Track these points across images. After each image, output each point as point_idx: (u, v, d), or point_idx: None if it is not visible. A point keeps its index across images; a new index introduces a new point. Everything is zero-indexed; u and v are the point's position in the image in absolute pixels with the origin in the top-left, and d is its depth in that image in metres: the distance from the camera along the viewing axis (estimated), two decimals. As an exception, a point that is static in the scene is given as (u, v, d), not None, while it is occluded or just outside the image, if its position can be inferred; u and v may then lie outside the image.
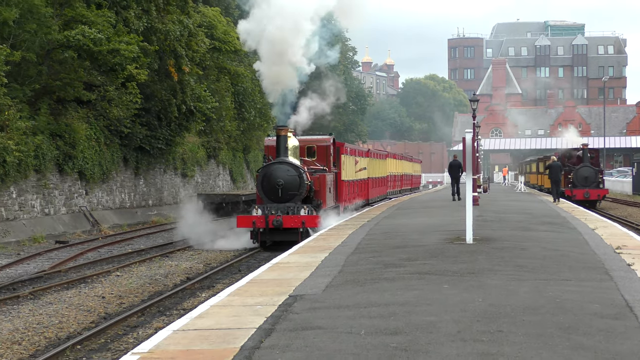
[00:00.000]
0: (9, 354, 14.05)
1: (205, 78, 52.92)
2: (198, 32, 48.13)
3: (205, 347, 9.88)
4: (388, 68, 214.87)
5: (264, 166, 29.35)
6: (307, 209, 28.07)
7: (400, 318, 11.13)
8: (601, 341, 9.72)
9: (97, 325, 16.23)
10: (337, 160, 35.49)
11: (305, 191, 28.73)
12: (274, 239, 28.96)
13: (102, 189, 43.47)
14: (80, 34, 37.12)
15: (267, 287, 14.51)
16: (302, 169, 28.95)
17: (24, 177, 35.89)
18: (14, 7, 34.67)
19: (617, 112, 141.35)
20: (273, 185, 28.28)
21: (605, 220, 30.81)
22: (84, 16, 38.72)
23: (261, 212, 28.00)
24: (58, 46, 37.58)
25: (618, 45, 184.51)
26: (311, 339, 10.03)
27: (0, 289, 20.92)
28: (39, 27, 36.41)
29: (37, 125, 36.94)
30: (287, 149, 29.00)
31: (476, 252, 18.62)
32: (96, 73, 39.69)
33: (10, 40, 35.12)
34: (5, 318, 17.11)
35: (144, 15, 42.52)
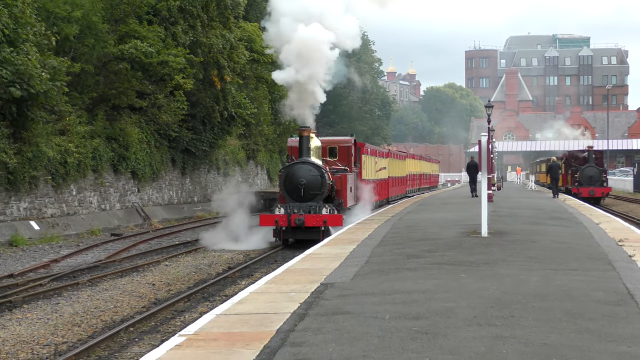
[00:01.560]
0: (70, 335, 14.15)
1: (245, 87, 53.00)
2: (239, 45, 48.17)
3: (244, 330, 9.90)
4: (410, 77, 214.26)
5: (287, 166, 27.98)
6: (329, 208, 26.41)
7: (421, 304, 11.12)
8: (605, 325, 9.67)
9: (148, 310, 16.29)
10: (358, 160, 33.67)
11: (327, 190, 27.15)
12: (296, 237, 27.31)
13: (152, 187, 43.66)
14: (133, 48, 37.34)
15: (300, 275, 14.53)
16: (324, 168, 27.49)
17: (83, 176, 36.11)
18: (74, 24, 34.92)
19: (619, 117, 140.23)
20: (295, 185, 26.75)
21: (609, 216, 30.60)
22: (136, 31, 38.92)
23: (284, 211, 26.32)
24: (113, 58, 37.78)
25: (620, 56, 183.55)
26: (340, 323, 10.03)
27: (62, 277, 21.07)
28: (96, 42, 36.62)
29: (94, 130, 37.17)
30: (310, 149, 27.49)
31: (491, 244, 18.55)
32: (147, 82, 39.83)
33: (71, 54, 35.36)
34: (66, 303, 17.24)
35: (190, 30, 42.65)
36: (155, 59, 38.17)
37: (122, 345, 13.29)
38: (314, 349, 8.72)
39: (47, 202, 33.57)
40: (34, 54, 29.41)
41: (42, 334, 14.14)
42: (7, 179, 30.13)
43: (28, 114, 30.30)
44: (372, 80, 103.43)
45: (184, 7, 41.84)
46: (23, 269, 22.29)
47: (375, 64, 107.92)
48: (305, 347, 8.82)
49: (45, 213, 33.31)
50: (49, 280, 20.41)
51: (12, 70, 28.30)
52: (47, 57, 31.02)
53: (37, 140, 31.50)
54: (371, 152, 38.58)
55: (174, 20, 41.89)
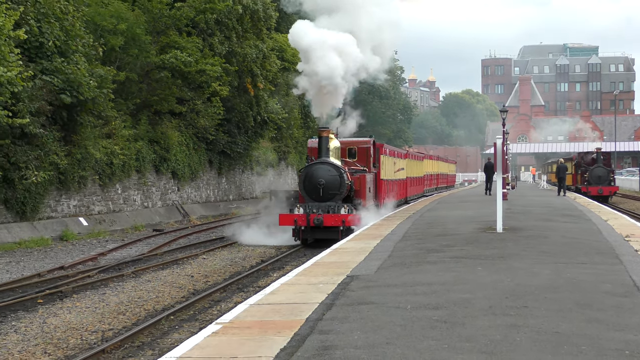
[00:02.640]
0: (116, 322, 14.24)
1: (277, 93, 53.08)
2: (271, 55, 48.28)
3: (276, 319, 9.92)
4: (430, 84, 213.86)
5: (306, 166, 26.33)
6: (347, 207, 24.96)
7: (441, 295, 11.09)
8: (612, 315, 9.61)
9: (187, 300, 16.36)
10: (377, 160, 31.91)
11: (345, 190, 25.72)
12: (315, 237, 25.73)
13: (191, 186, 43.83)
14: (173, 57, 37.50)
15: (328, 268, 14.53)
16: (342, 169, 25.99)
17: (128, 176, 36.32)
18: (120, 36, 35.10)
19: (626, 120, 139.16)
20: (314, 185, 25.30)
21: (616, 213, 30.40)
22: (176, 42, 39.08)
23: (303, 210, 24.91)
24: (155, 67, 37.96)
25: (627, 64, 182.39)
26: (365, 312, 10.03)
27: (108, 269, 21.20)
28: (139, 52, 36.80)
29: (138, 133, 37.36)
30: (329, 149, 26.16)
31: (505, 239, 18.48)
32: (186, 89, 40.01)
33: (116, 63, 35.55)
34: (112, 293, 17.35)
35: (226, 41, 42.79)
36: (193, 67, 38.32)
37: (164, 332, 13.36)
38: (340, 336, 8.73)
39: (95, 200, 33.79)
40: (82, 64, 29.61)
41: (90, 321, 14.24)
42: (58, 179, 30.37)
43: (77, 119, 30.51)
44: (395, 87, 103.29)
45: (220, 20, 41.98)
46: (73, 262, 22.45)
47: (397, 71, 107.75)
48: (332, 334, 8.83)
49: (93, 210, 33.53)
50: (96, 272, 20.55)
51: (63, 78, 28.52)
52: (94, 67, 31.22)
53: (85, 143, 31.72)
54: (390, 152, 36.81)
55: (211, 32, 42.03)
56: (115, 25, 34.98)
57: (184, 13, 39.71)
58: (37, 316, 14.73)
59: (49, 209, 30.42)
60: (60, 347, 12.33)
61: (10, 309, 15.48)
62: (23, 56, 26.88)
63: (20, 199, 28.24)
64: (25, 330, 13.48)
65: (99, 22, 34.46)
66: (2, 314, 15.04)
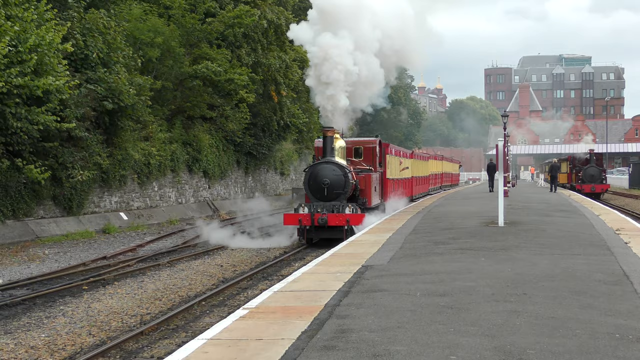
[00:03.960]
0: (153, 307, 14.30)
1: (298, 100, 53.03)
2: (293, 65, 48.25)
3: (298, 304, 9.94)
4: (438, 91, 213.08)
5: (311, 166, 24.40)
6: (352, 207, 22.97)
7: (447, 283, 11.08)
8: (604, 302, 9.58)
9: (217, 287, 16.41)
10: (382, 160, 29.63)
11: (350, 190, 23.72)
12: (319, 236, 23.77)
13: (220, 184, 43.92)
14: (205, 68, 37.60)
15: (345, 259, 14.54)
16: (347, 168, 23.95)
17: (163, 175, 36.44)
18: (156, 48, 35.25)
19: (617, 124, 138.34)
20: (319, 184, 23.32)
21: (608, 208, 30.23)
22: (207, 54, 39.19)
23: (307, 210, 23.08)
24: (188, 77, 38.06)
25: (617, 73, 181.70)
26: (378, 299, 10.03)
27: (146, 259, 21.29)
28: (174, 63, 36.92)
29: (172, 136, 37.49)
30: (334, 149, 24.03)
31: (506, 232, 18.43)
32: (216, 96, 40.08)
33: (153, 73, 35.70)
34: (149, 280, 17.43)
35: (252, 53, 42.85)
36: (223, 77, 38.41)
37: (196, 316, 13.41)
38: (356, 320, 8.74)
39: (134, 196, 33.94)
40: (123, 74, 29.73)
41: (130, 306, 14.31)
42: (101, 178, 30.52)
43: (118, 123, 30.64)
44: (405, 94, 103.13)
45: (247, 34, 42.09)
46: (114, 252, 22.57)
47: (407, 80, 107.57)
48: (348, 319, 8.84)
49: (132, 206, 33.67)
50: (135, 261, 20.64)
51: (105, 87, 28.65)
52: (134, 76, 31.35)
53: (125, 145, 31.87)
54: (395, 152, 34.43)
55: (238, 45, 42.11)
56: (152, 38, 35.12)
57: (214, 27, 39.81)
58: (83, 301, 14.82)
59: (92, 205, 30.58)
60: (103, 329, 12.41)
61: (58, 295, 15.60)
62: (70, 67, 27.05)
63: (68, 195, 28.41)
64: (72, 314, 13.57)
65: (138, 36, 34.60)
66: (52, 299, 15.15)
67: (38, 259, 21.35)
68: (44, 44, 23.91)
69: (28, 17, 23.98)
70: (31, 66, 23.47)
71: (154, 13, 37.34)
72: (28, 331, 12.22)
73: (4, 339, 11.70)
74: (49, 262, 20.68)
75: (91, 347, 11.20)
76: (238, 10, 40.65)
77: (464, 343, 7.56)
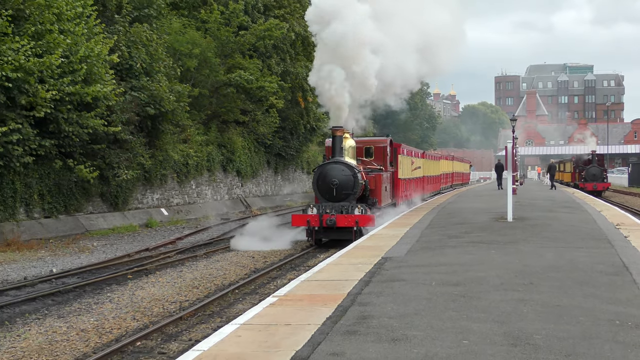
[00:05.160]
0: (190, 295, 14.37)
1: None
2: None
3: (323, 293, 9.95)
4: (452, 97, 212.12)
5: (319, 166, 22.03)
6: (361, 208, 20.64)
7: (460, 274, 11.04)
8: (605, 291, 9.51)
9: (249, 277, 16.43)
10: (394, 160, 27.51)
11: (359, 190, 21.48)
12: (328, 237, 21.69)
13: (252, 182, 44.03)
14: (238, 76, 37.70)
15: (366, 251, 14.53)
16: (356, 168, 21.66)
17: (200, 174, 36.60)
18: (194, 59, 35.41)
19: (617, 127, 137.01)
20: (328, 185, 21.07)
21: (608, 205, 29.96)
22: (240, 64, 39.29)
23: (316, 211, 20.86)
24: (223, 84, 38.19)
25: (618, 80, 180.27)
26: (397, 288, 10.01)
27: (184, 251, 21.37)
28: (210, 72, 37.06)
29: (208, 139, 37.63)
30: (343, 149, 21.74)
31: (515, 227, 18.33)
32: (248, 102, 40.18)
33: (191, 81, 35.85)
34: (188, 270, 17.50)
35: (282, 62, 42.95)
36: (254, 84, 38.48)
37: (230, 303, 13.45)
38: (376, 308, 8.73)
39: (173, 194, 34.11)
40: (164, 82, 29.90)
41: (170, 294, 14.39)
42: (144, 177, 30.71)
43: (159, 127, 30.82)
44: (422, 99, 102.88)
45: (276, 45, 42.19)
46: (156, 244, 22.67)
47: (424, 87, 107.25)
48: (369, 306, 8.83)
49: (172, 202, 33.85)
50: (175, 253, 20.72)
51: (148, 94, 28.83)
52: (173, 84, 31.51)
53: (166, 147, 32.04)
54: (407, 152, 32.11)
55: (269, 55, 42.21)
56: (190, 50, 35.27)
57: (247, 39, 39.90)
58: (127, 289, 14.92)
59: (136, 201, 30.78)
60: (146, 315, 12.49)
61: (106, 283, 15.72)
62: (116, 76, 27.25)
63: (114, 193, 28.61)
64: (118, 300, 13.67)
65: (177, 47, 34.77)
66: (100, 287, 15.27)
67: (87, 250, 21.53)
68: (93, 55, 24.11)
69: (79, 31, 24.20)
70: (81, 75, 23.69)
71: (192, 27, 37.49)
72: (79, 315, 12.33)
73: (58, 322, 11.82)
74: (97, 253, 20.84)
75: (135, 331, 11.28)
76: (268, 23, 40.71)
77: (475, 329, 7.53)
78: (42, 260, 19.33)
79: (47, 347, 10.21)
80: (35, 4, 22.79)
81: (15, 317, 12.32)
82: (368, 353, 6.70)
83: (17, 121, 21.65)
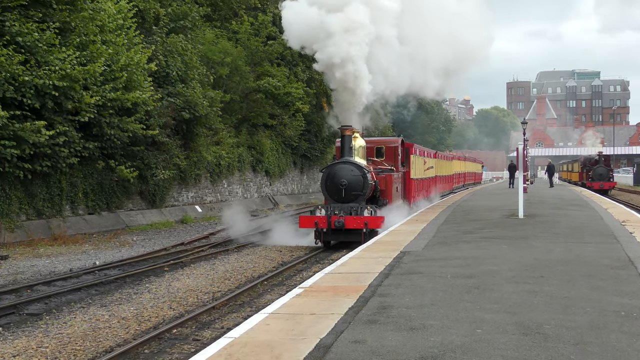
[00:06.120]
0: (223, 286, 14.41)
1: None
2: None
3: (345, 284, 9.94)
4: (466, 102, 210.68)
5: (328, 166, 20.12)
6: (371, 209, 18.90)
7: (474, 267, 10.98)
8: (611, 284, 9.41)
9: (277, 269, 16.43)
10: (406, 160, 25.68)
11: (369, 191, 19.65)
12: (337, 240, 19.77)
13: (279, 182, 44.11)
14: (266, 83, 37.84)
15: (386, 246, 14.49)
16: (366, 169, 19.89)
17: (231, 174, 36.73)
18: (226, 67, 35.58)
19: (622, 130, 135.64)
20: (336, 185, 19.27)
21: (614, 203, 29.62)
22: (269, 71, 39.42)
23: (324, 212, 19.05)
24: (252, 91, 38.33)
25: (623, 85, 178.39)
26: (415, 280, 9.98)
27: (217, 245, 21.43)
28: (240, 79, 37.20)
29: (239, 141, 37.76)
30: (352, 148, 19.93)
31: (525, 223, 18.19)
32: (276, 107, 40.28)
33: (223, 88, 36.00)
34: (220, 263, 17.56)
35: (307, 70, 42.97)
36: (282, 91, 38.61)
37: (259, 294, 13.48)
38: (395, 298, 8.71)
39: (207, 192, 34.27)
40: (198, 88, 30.05)
41: (204, 285, 14.44)
42: (179, 176, 30.89)
43: (194, 130, 30.98)
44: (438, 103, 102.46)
45: (302, 54, 42.20)
46: (190, 239, 22.76)
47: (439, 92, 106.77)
48: (389, 297, 8.81)
49: (205, 200, 34.01)
50: (208, 247, 20.79)
51: (183, 100, 28.99)
52: (207, 90, 31.67)
53: (200, 149, 32.20)
54: (420, 152, 30.01)
55: (295, 63, 42.30)
56: (222, 59, 35.44)
57: (275, 49, 40.01)
58: (164, 280, 15.00)
59: (172, 199, 30.96)
60: (181, 304, 12.55)
61: (144, 275, 15.82)
62: (154, 83, 27.44)
63: (152, 191, 28.80)
64: (156, 291, 13.75)
65: (210, 56, 34.94)
66: (139, 278, 15.37)
67: (127, 244, 21.69)
68: (133, 64, 24.30)
69: (120, 42, 24.41)
70: (122, 82, 23.89)
71: (224, 37, 37.66)
72: (120, 305, 12.42)
73: (101, 311, 11.92)
74: (137, 247, 20.99)
75: (172, 319, 11.35)
76: (295, 34, 40.78)
77: (489, 318, 7.49)
78: (86, 253, 19.51)
79: (91, 334, 10.30)
80: (80, 17, 23.02)
81: (62, 306, 12.45)
82: (388, 341, 6.68)
83: (63, 125, 21.89)
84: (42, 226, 22.51)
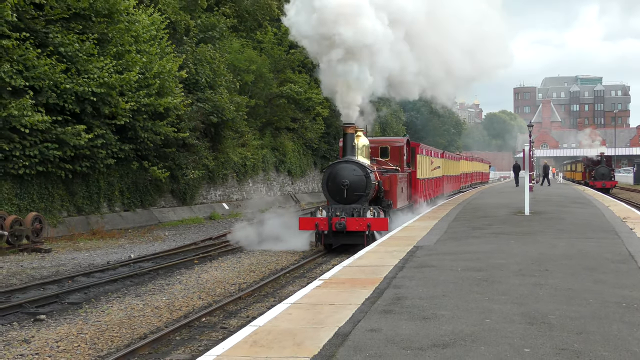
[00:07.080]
0: (248, 278, 14.44)
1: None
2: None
3: (362, 277, 9.93)
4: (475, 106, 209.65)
5: (329, 165, 18.01)
6: (374, 211, 16.98)
7: (483, 261, 10.92)
8: (612, 277, 9.31)
9: (298, 262, 16.45)
10: (412, 160, 23.77)
11: (372, 192, 17.56)
12: (338, 242, 17.60)
13: (301, 181, 44.14)
14: (289, 89, 37.89)
15: (400, 240, 14.45)
16: (369, 168, 17.71)
17: (256, 174, 36.82)
18: (251, 74, 35.68)
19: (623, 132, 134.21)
20: (338, 186, 17.21)
21: (616, 201, 29.31)
22: (291, 78, 39.47)
23: (325, 213, 17.09)
24: (275, 96, 38.39)
25: (624, 90, 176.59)
26: (427, 273, 9.95)
27: (242, 240, 21.46)
28: (264, 85, 37.29)
29: (263, 143, 37.85)
30: (355, 147, 17.86)
31: (531, 220, 18.05)
32: (298, 112, 40.33)
33: (248, 93, 36.10)
34: (245, 257, 17.58)
35: (326, 77, 42.97)
36: (303, 96, 38.63)
37: (282, 285, 13.50)
38: (409, 290, 8.68)
39: (233, 190, 34.38)
40: (225, 94, 30.17)
41: (230, 276, 14.48)
42: (208, 176, 31.02)
43: (221, 133, 31.11)
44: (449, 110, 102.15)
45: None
46: (218, 234, 22.81)
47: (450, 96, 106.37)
48: (403, 289, 8.79)
49: (232, 198, 34.11)
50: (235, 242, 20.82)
51: (211, 105, 29.12)
52: (233, 96, 31.78)
53: (227, 150, 32.32)
54: (426, 152, 27.74)
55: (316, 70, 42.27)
56: (248, 66, 35.55)
57: (296, 57, 40.04)
58: (194, 272, 15.05)
59: (201, 197, 31.10)
60: (210, 294, 12.60)
61: (176, 267, 15.89)
62: (184, 89, 27.59)
63: (182, 190, 28.95)
64: (186, 282, 13.80)
65: (236, 64, 35.05)
66: (170, 270, 15.44)
67: (160, 239, 21.80)
68: (165, 71, 24.44)
69: (153, 51, 24.56)
70: (155, 89, 24.04)
71: (249, 46, 37.77)
72: (153, 295, 12.49)
73: (135, 300, 12.00)
74: (168, 242, 21.09)
75: (201, 308, 11.40)
76: (315, 43, 40.79)
77: (496, 309, 7.44)
78: (122, 247, 19.64)
79: (126, 322, 10.38)
80: (117, 29, 23.19)
81: (99, 296, 12.55)
82: (402, 330, 6.67)
83: (101, 128, 22.08)
84: (81, 222, 22.71)
